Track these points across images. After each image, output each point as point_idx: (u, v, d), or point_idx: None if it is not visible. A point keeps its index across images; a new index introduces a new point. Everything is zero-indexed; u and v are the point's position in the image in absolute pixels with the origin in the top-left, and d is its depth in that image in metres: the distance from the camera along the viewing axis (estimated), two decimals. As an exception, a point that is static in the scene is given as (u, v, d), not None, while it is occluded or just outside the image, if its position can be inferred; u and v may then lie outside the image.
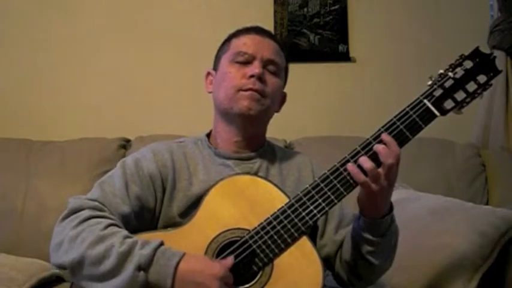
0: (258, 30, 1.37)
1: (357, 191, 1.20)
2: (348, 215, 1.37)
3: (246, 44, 1.33)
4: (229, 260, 1.13)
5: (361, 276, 1.29)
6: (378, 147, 1.15)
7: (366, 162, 1.15)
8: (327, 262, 1.34)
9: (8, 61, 2.50)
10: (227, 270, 1.11)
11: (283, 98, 1.42)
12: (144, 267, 1.09)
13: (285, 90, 1.42)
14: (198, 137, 1.40)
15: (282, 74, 1.38)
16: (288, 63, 1.42)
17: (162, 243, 1.13)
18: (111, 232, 1.14)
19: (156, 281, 1.09)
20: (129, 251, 1.10)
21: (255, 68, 1.29)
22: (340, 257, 1.32)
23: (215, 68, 1.40)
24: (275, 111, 1.39)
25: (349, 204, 1.36)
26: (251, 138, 1.36)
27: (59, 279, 1.85)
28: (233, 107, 1.31)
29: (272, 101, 1.34)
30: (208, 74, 1.42)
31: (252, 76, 1.29)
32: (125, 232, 1.16)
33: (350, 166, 1.16)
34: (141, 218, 1.26)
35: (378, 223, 1.20)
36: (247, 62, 1.32)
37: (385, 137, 1.16)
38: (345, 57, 2.47)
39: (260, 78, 1.29)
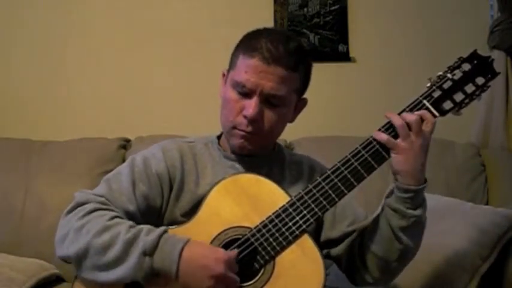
0: (266, 53, 1.21)
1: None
2: (361, 215, 1.36)
3: (248, 73, 1.22)
4: (234, 251, 1.15)
5: (385, 262, 1.25)
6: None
7: (395, 120, 1.17)
8: (337, 260, 1.35)
9: (8, 61, 2.50)
10: (231, 256, 1.13)
11: (302, 105, 1.35)
12: (149, 252, 1.11)
13: None
14: (208, 138, 1.38)
15: (289, 99, 1.27)
16: (310, 63, 1.32)
17: (166, 231, 1.15)
18: (117, 222, 1.16)
19: (161, 266, 1.11)
20: (134, 238, 1.12)
21: (250, 108, 1.22)
22: (361, 245, 1.29)
23: (229, 69, 1.32)
24: (288, 122, 1.33)
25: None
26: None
27: (58, 279, 1.85)
28: (229, 140, 1.30)
29: (272, 132, 1.28)
30: (223, 75, 1.34)
31: (246, 117, 1.23)
32: (130, 222, 1.17)
33: (379, 134, 1.18)
34: (147, 217, 1.26)
35: (412, 190, 1.18)
36: (246, 94, 1.24)
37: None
38: (345, 57, 2.47)
39: (254, 120, 1.23)
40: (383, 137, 1.19)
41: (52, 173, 2.11)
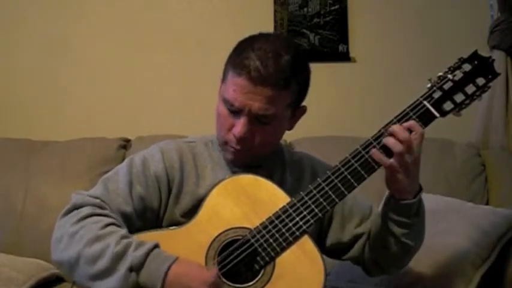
0: (253, 73, 1.16)
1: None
2: (366, 209, 1.38)
3: (236, 92, 1.18)
4: (213, 270, 1.14)
5: (395, 260, 1.32)
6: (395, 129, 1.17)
7: (388, 140, 1.16)
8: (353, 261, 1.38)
9: (8, 61, 2.50)
10: (217, 278, 1.12)
11: (300, 114, 1.31)
12: (136, 268, 1.10)
13: None
14: (209, 138, 1.37)
15: (281, 115, 1.23)
16: (306, 74, 1.26)
17: (156, 246, 1.14)
18: (109, 231, 1.15)
19: (146, 283, 1.10)
20: (123, 252, 1.11)
21: (238, 127, 1.20)
22: (369, 246, 1.33)
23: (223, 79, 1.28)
24: (286, 130, 1.31)
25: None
26: None
27: (58, 279, 1.85)
28: (223, 152, 1.30)
29: (264, 146, 1.26)
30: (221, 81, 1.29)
31: (234, 135, 1.21)
32: (122, 232, 1.16)
33: (374, 151, 1.17)
34: (144, 218, 1.26)
35: (410, 204, 1.21)
36: (235, 112, 1.21)
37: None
38: (345, 57, 2.47)
39: (242, 139, 1.21)
40: (377, 156, 1.17)
41: (52, 173, 2.12)
